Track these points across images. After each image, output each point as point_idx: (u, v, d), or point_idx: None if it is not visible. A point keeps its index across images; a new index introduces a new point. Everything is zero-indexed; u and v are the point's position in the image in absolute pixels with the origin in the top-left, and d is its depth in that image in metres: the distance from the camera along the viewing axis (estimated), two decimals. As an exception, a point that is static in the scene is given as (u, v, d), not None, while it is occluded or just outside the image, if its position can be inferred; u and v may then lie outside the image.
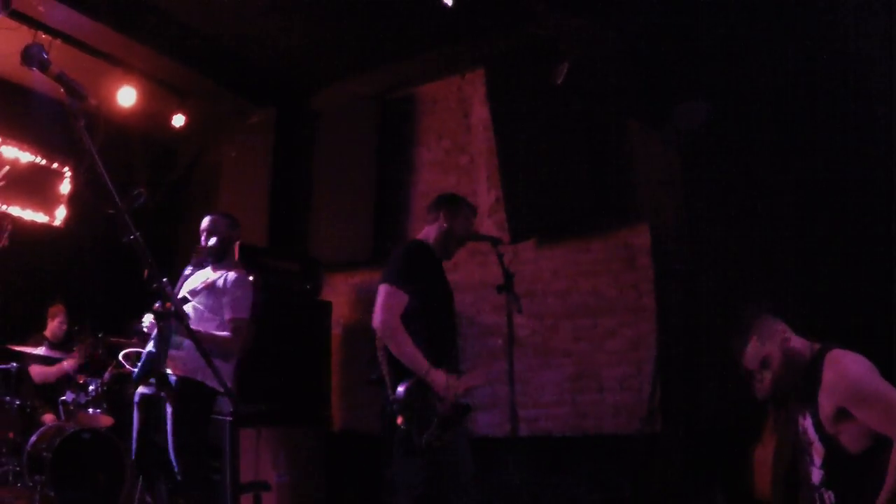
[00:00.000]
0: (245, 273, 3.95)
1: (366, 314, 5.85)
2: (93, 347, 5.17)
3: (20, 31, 4.96)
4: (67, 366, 5.26)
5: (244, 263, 4.94)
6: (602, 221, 5.04)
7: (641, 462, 4.42)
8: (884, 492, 2.18)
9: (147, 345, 3.64)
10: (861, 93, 3.71)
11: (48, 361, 5.31)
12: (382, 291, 3.21)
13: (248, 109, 6.52)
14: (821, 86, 3.86)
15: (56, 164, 6.19)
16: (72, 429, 4.63)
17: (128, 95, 5.74)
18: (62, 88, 2.08)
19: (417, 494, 3.07)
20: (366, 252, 5.86)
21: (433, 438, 3.01)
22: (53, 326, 5.49)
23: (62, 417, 4.94)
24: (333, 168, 6.24)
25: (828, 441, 2.36)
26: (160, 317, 2.84)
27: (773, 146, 4.01)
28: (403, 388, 3.04)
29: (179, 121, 6.22)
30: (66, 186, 6.25)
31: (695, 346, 4.25)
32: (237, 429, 4.57)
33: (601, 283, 5.01)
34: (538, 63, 5.09)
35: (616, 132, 4.91)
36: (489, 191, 5.57)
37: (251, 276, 5.00)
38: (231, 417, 4.49)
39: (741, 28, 4.10)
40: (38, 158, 6.05)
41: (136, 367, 3.72)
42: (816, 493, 2.40)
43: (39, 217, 6.06)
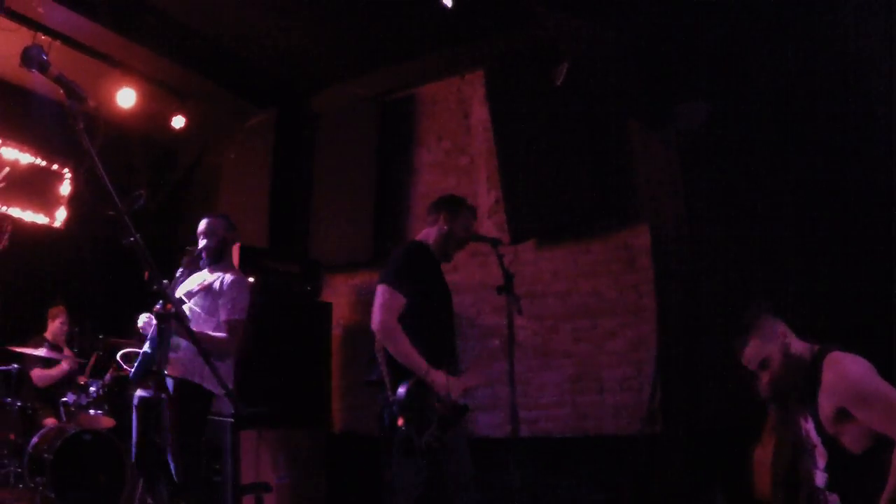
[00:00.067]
0: (242, 275, 3.96)
1: (366, 315, 5.82)
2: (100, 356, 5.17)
3: (20, 33, 4.96)
4: (67, 365, 5.27)
5: (244, 265, 4.98)
6: (602, 222, 5.03)
7: (642, 463, 4.41)
8: (886, 492, 2.19)
9: (143, 346, 3.64)
10: (861, 93, 3.71)
11: (49, 363, 5.31)
12: (380, 292, 3.22)
13: (249, 111, 6.50)
14: (821, 86, 3.86)
15: (56, 166, 6.20)
16: (73, 430, 4.63)
17: (127, 97, 5.74)
18: (62, 90, 2.08)
19: (417, 495, 3.07)
20: (366, 253, 5.85)
21: (433, 439, 3.01)
22: (54, 327, 5.49)
23: (63, 419, 4.94)
24: (334, 169, 6.24)
25: (830, 443, 2.36)
26: (161, 318, 2.85)
27: (773, 146, 4.02)
28: (403, 390, 3.04)
29: (179, 122, 6.22)
30: (67, 188, 6.25)
31: (695, 347, 4.25)
32: (238, 430, 4.57)
33: (601, 284, 5.01)
34: (538, 64, 5.09)
35: (616, 133, 4.91)
36: (489, 192, 5.57)
37: (251, 278, 5.03)
38: (232, 419, 4.49)
39: (741, 28, 4.10)
40: (39, 160, 6.05)
41: (133, 368, 3.72)
42: (821, 496, 2.40)
43: (40, 218, 6.06)
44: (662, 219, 4.62)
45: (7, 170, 5.73)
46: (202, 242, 3.84)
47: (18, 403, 4.90)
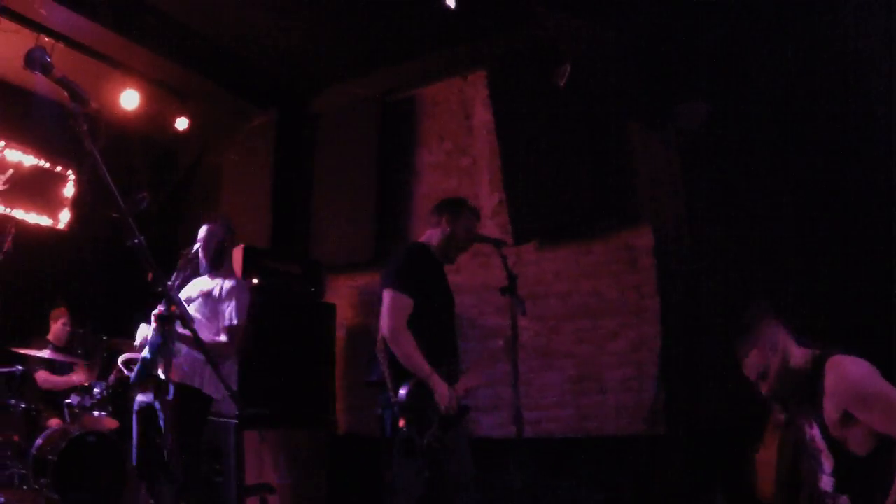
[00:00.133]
0: (241, 280, 3.98)
1: (368, 316, 5.89)
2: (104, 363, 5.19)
3: (22, 35, 4.97)
4: (77, 380, 5.26)
5: (247, 266, 5.00)
6: (603, 223, 5.02)
7: (642, 463, 4.41)
8: (893, 492, 2.19)
9: (143, 350, 3.66)
10: (861, 93, 3.71)
11: (53, 365, 5.32)
12: (387, 297, 3.22)
13: (249, 111, 6.51)
14: (821, 86, 3.86)
15: (59, 168, 6.21)
16: (77, 432, 4.64)
17: (131, 98, 5.75)
18: (65, 92, 2.09)
19: (418, 496, 3.08)
20: (367, 254, 5.84)
21: (434, 440, 3.02)
22: (56, 329, 5.51)
23: (67, 420, 4.96)
24: (334, 169, 6.24)
25: (836, 447, 2.36)
26: (164, 320, 2.85)
27: (773, 146, 4.01)
28: (405, 391, 3.05)
29: (183, 124, 6.22)
30: (70, 189, 6.26)
31: (695, 347, 4.25)
32: (241, 431, 4.58)
33: (602, 285, 5.00)
34: (539, 64, 5.09)
35: (616, 133, 4.91)
36: (491, 193, 5.55)
37: (255, 280, 5.04)
38: (236, 420, 4.51)
39: (741, 28, 4.10)
40: (42, 161, 6.06)
41: (133, 373, 3.74)
42: (828, 500, 2.40)
43: (43, 220, 6.07)
44: (662, 219, 4.63)
45: (11, 171, 5.76)
46: (203, 249, 3.86)
47: (22, 405, 4.92)
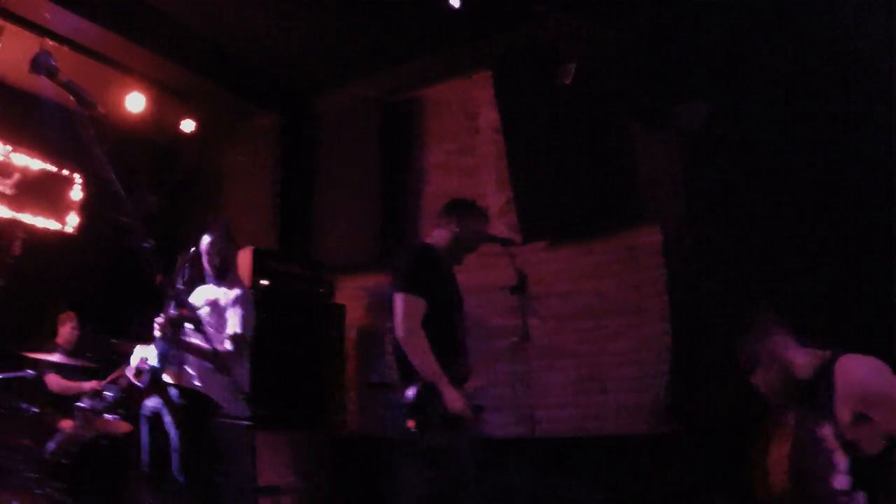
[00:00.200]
0: (247, 289, 4.01)
1: (374, 317, 5.91)
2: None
3: (27, 39, 4.99)
4: (87, 387, 5.30)
5: (257, 269, 5.03)
6: (604, 223, 5.03)
7: (643, 463, 4.42)
8: None
9: (151, 358, 3.70)
10: (861, 93, 3.72)
11: (64, 369, 5.36)
12: (399, 300, 3.21)
13: (252, 113, 6.52)
14: (821, 86, 3.86)
15: (66, 171, 6.24)
16: (90, 436, 4.66)
17: (137, 101, 5.78)
18: (71, 96, 2.12)
19: (421, 495, 3.11)
20: (373, 254, 5.85)
21: (436, 440, 3.04)
22: (65, 332, 5.52)
23: (79, 422, 4.98)
24: (337, 170, 6.25)
25: (850, 448, 2.37)
26: (175, 323, 2.89)
27: (773, 146, 4.02)
28: (412, 392, 3.08)
29: (189, 126, 6.22)
30: (78, 193, 6.29)
31: (695, 347, 4.26)
32: (252, 433, 4.61)
33: (604, 285, 5.01)
34: (540, 64, 5.10)
35: (617, 133, 4.92)
36: (498, 193, 5.54)
37: (264, 282, 5.07)
38: (248, 422, 4.54)
39: (741, 28, 4.10)
40: (49, 165, 6.09)
41: (142, 381, 3.79)
42: (843, 499, 2.41)
43: (52, 224, 6.11)
44: (663, 219, 4.64)
45: (18, 176, 5.81)
46: (206, 262, 3.88)
47: (34, 409, 4.95)
